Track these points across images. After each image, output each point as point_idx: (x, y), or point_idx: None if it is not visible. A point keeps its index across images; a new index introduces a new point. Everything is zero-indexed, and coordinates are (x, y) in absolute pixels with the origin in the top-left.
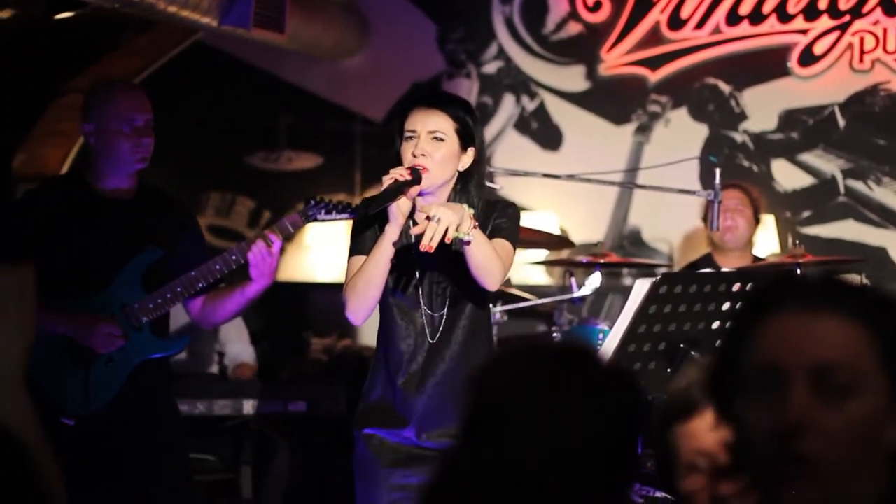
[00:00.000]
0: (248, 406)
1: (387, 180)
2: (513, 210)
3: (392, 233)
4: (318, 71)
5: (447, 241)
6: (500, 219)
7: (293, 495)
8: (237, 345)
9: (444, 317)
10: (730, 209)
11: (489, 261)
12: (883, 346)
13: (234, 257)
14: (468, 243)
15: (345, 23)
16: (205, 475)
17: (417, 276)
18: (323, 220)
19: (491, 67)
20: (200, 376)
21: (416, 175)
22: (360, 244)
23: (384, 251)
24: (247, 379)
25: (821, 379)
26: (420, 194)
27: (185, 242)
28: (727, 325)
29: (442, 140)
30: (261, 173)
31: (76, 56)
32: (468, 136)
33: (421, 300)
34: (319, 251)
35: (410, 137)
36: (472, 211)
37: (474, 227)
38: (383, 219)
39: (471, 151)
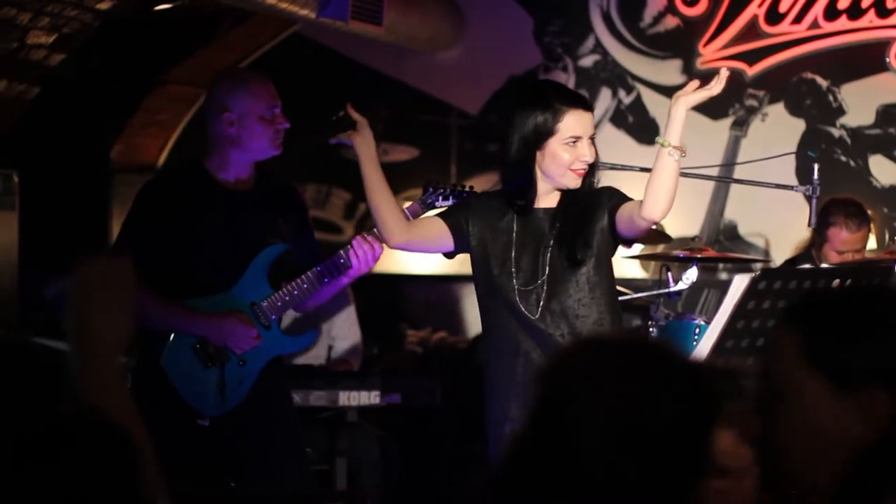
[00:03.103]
0: (344, 398)
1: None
2: (614, 195)
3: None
4: (414, 64)
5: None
6: (609, 198)
7: (388, 487)
8: (346, 342)
9: (544, 290)
10: (855, 252)
11: (673, 184)
12: (806, 343)
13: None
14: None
15: (441, 16)
16: None
17: (514, 260)
18: (441, 207)
19: (587, 61)
20: (296, 367)
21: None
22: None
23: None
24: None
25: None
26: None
27: (301, 233)
28: None
29: (593, 141)
30: (357, 165)
31: (174, 47)
32: None
33: (515, 279)
34: None
35: (574, 142)
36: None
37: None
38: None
39: None
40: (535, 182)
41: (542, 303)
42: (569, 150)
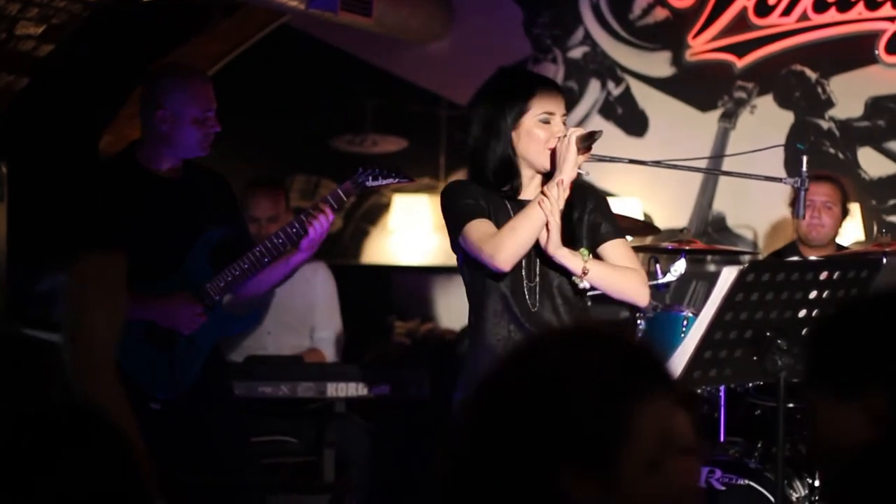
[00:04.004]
0: (332, 389)
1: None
2: (606, 203)
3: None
4: (403, 54)
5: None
6: (603, 219)
7: (376, 479)
8: (327, 331)
9: (538, 285)
10: (818, 206)
11: (620, 281)
12: (812, 368)
13: (294, 230)
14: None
15: (431, 6)
16: (287, 457)
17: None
18: (371, 186)
19: (577, 52)
20: (284, 358)
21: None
22: (476, 209)
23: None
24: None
25: None
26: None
27: (233, 218)
28: (813, 313)
29: (565, 124)
30: (345, 156)
31: (163, 38)
32: None
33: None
34: (403, 235)
35: (547, 120)
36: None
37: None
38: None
39: None
40: (517, 167)
41: (536, 296)
42: (543, 128)
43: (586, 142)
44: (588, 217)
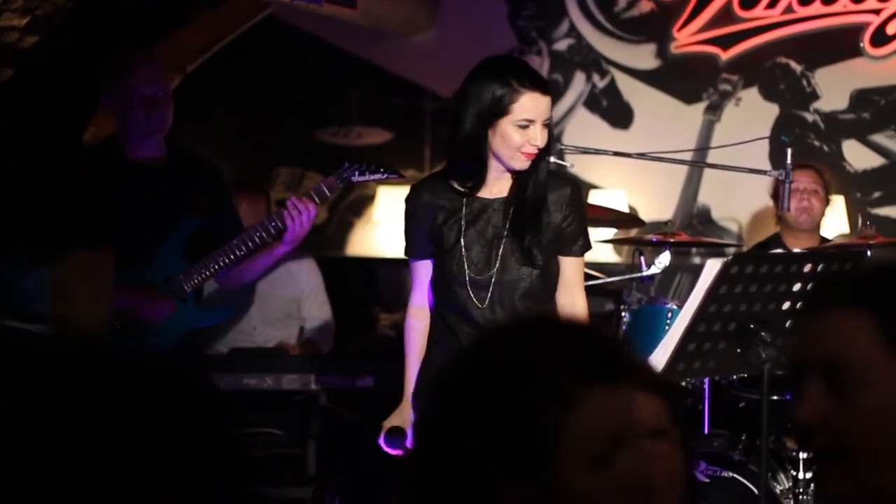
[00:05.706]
0: (316, 381)
1: None
2: (580, 203)
3: None
4: (388, 46)
5: None
6: (577, 234)
7: (359, 471)
8: (317, 322)
9: (493, 282)
10: (806, 190)
11: None
12: (882, 326)
13: (273, 224)
14: None
15: None
16: (271, 449)
17: (464, 247)
18: (357, 182)
19: (562, 45)
20: (268, 350)
21: None
22: (417, 247)
23: None
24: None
25: (830, 375)
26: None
27: (219, 208)
28: (798, 305)
29: (548, 126)
30: (331, 148)
31: (149, 29)
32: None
33: (467, 269)
34: (387, 226)
35: (526, 125)
36: None
37: None
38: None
39: None
40: (485, 162)
41: (489, 294)
42: (520, 133)
43: None
44: (564, 227)
